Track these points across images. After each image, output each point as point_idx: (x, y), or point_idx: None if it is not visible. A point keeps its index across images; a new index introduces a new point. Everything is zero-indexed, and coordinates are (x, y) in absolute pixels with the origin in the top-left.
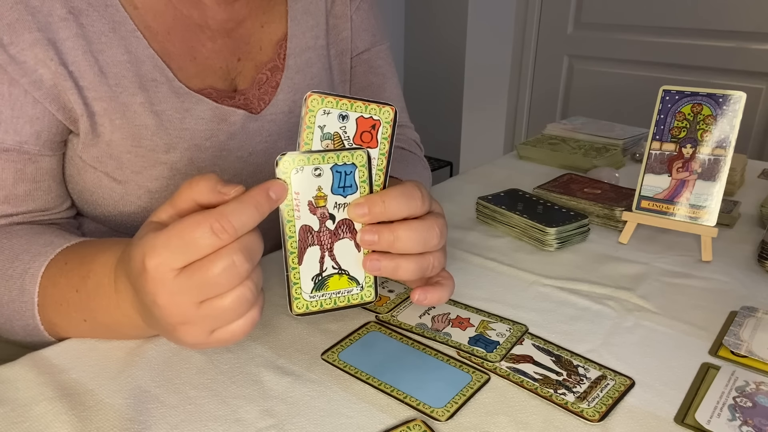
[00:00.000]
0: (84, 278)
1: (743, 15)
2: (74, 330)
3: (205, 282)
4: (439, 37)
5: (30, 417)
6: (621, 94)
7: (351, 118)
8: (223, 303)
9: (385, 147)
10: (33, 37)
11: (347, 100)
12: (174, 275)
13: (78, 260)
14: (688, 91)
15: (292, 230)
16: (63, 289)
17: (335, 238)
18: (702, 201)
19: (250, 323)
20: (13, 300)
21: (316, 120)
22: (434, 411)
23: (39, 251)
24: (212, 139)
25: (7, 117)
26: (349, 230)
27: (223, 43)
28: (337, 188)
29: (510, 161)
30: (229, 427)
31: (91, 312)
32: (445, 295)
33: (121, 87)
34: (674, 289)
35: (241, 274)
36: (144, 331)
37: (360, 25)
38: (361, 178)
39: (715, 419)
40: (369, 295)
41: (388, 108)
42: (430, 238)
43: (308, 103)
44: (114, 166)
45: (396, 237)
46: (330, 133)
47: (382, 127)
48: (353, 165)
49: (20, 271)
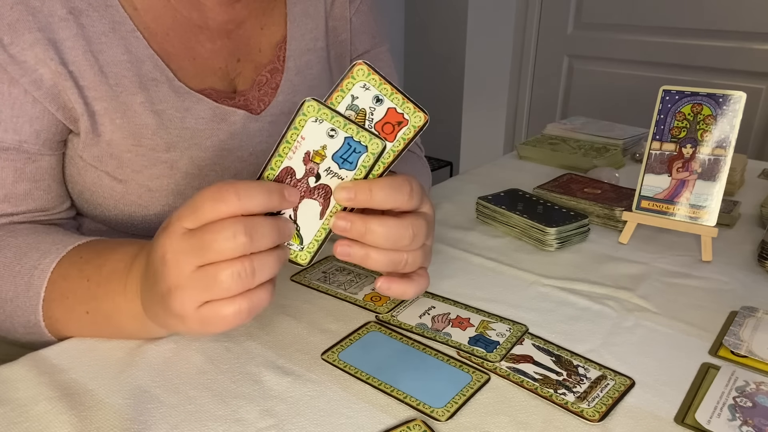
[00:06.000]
0: (99, 267)
1: (743, 15)
2: (74, 324)
3: (204, 245)
4: (439, 38)
5: (30, 417)
6: (621, 94)
7: (384, 105)
8: (217, 271)
9: (399, 146)
10: (33, 36)
11: (390, 87)
12: (182, 233)
13: (95, 253)
14: (688, 91)
15: (277, 165)
16: (73, 281)
17: (308, 195)
18: (702, 201)
19: (237, 313)
20: (18, 296)
21: (353, 89)
22: (434, 411)
23: (48, 249)
24: (212, 139)
25: (6, 116)
26: (324, 196)
27: (222, 44)
28: (339, 157)
29: (510, 161)
30: (229, 427)
31: (96, 301)
32: (410, 290)
33: (122, 86)
34: (674, 289)
35: (237, 246)
36: (141, 322)
37: (359, 27)
38: (365, 163)
39: (715, 419)
40: (304, 258)
41: (422, 114)
42: (401, 237)
43: (354, 71)
44: (114, 165)
45: (368, 229)
46: (358, 106)
47: (407, 128)
48: (365, 147)
49: (29, 268)
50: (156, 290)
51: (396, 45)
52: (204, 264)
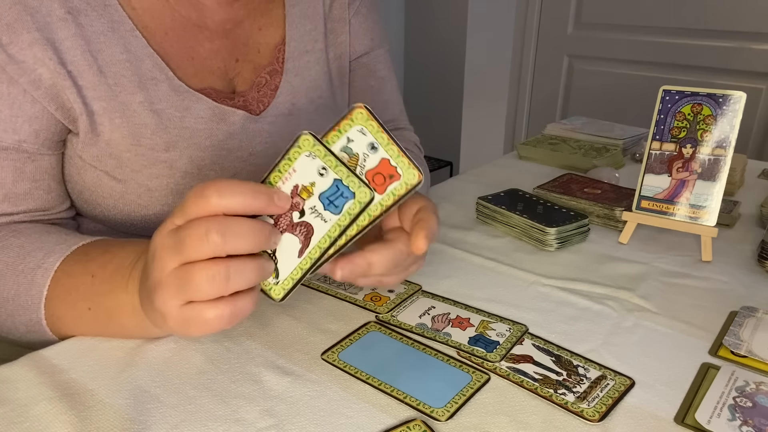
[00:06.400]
0: (104, 264)
1: (743, 15)
2: (75, 321)
3: (180, 241)
4: (439, 38)
5: (30, 417)
6: (621, 94)
7: (378, 154)
8: (192, 272)
9: (388, 201)
10: (32, 36)
11: (387, 137)
12: (171, 229)
13: (100, 251)
14: (688, 91)
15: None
16: (77, 278)
17: (290, 229)
18: (702, 201)
19: (218, 318)
20: (20, 294)
21: (350, 131)
22: (434, 411)
23: (52, 248)
24: (212, 138)
25: (6, 116)
26: (306, 235)
27: (221, 43)
28: (326, 198)
29: (510, 161)
30: (229, 427)
31: (99, 297)
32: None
33: (121, 86)
34: (674, 289)
35: (210, 245)
36: (140, 319)
37: (358, 29)
38: (350, 210)
39: (715, 419)
40: (277, 294)
41: (416, 172)
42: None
43: (353, 113)
44: (114, 164)
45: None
46: (352, 150)
47: (399, 183)
48: (353, 194)
49: (32, 266)
50: (146, 286)
51: (396, 45)
52: (184, 262)
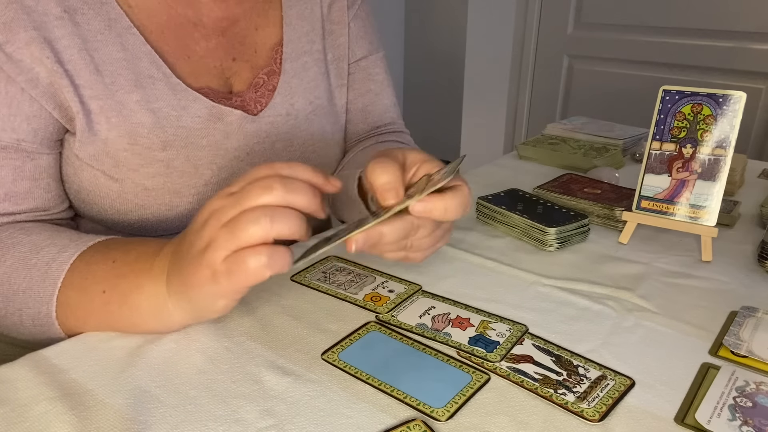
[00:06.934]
0: (126, 252)
1: (743, 15)
2: (86, 308)
3: (243, 195)
4: (439, 38)
5: (30, 417)
6: (621, 94)
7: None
8: (241, 216)
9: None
10: (29, 35)
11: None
12: (226, 194)
13: (122, 242)
14: (688, 91)
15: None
16: (97, 264)
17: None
18: (702, 201)
19: (258, 266)
20: (32, 287)
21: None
22: (434, 411)
23: (67, 244)
24: (208, 138)
25: (4, 115)
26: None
27: (217, 42)
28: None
29: (510, 161)
30: (229, 427)
31: (117, 279)
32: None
33: (117, 85)
34: (674, 289)
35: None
36: (160, 302)
37: (357, 32)
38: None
39: (715, 419)
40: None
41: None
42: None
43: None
44: (110, 164)
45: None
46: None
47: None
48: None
49: (46, 260)
50: (193, 252)
51: (396, 45)
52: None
